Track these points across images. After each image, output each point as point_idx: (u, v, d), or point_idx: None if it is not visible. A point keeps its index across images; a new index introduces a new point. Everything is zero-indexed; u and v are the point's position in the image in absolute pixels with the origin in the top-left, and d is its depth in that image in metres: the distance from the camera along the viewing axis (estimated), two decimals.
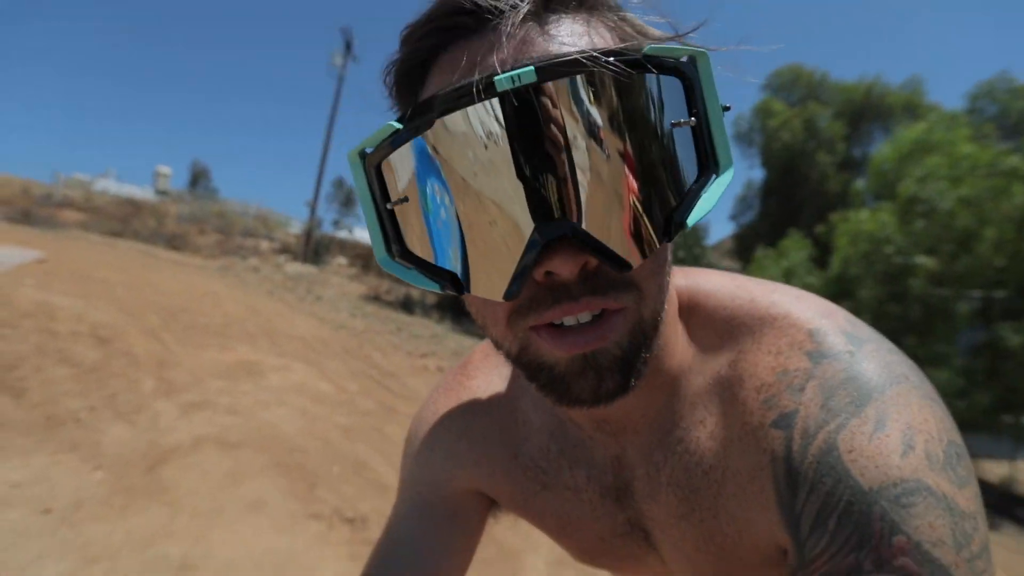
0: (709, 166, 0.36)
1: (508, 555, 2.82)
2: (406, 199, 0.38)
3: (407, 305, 11.89)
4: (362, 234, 19.57)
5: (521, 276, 0.35)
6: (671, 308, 0.46)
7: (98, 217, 14.96)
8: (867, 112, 23.84)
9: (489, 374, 0.59)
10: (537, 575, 2.67)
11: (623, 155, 0.34)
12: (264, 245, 17.12)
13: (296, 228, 21.44)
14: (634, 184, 0.34)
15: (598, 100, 0.33)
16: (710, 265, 14.59)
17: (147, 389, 3.87)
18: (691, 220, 0.35)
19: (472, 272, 0.37)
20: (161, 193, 26.60)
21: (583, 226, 0.34)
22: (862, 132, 23.89)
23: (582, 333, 0.37)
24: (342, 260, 16.90)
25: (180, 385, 4.08)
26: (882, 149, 10.69)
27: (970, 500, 0.36)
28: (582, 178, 0.33)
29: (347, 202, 19.95)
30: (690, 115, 0.35)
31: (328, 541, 2.65)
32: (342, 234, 19.37)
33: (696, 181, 0.36)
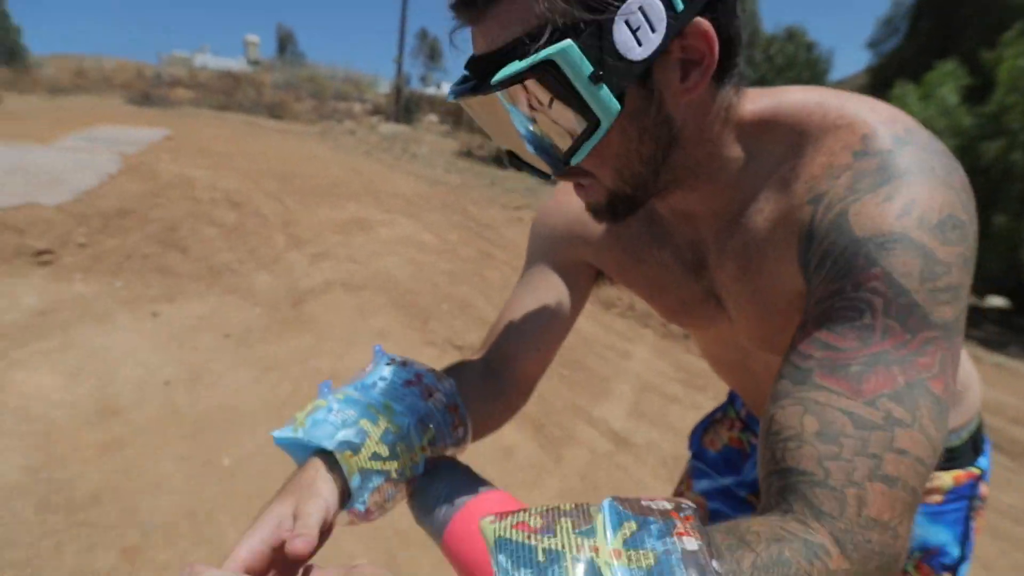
0: (590, 120, 0.46)
1: (599, 380, 3.15)
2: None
3: (499, 159, 11.88)
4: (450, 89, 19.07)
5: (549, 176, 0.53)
6: (720, 130, 0.54)
7: (205, 92, 15.86)
8: None
9: None
10: (624, 400, 2.99)
11: (537, 123, 0.47)
12: (357, 107, 17.38)
13: (384, 87, 21.34)
14: (536, 139, 0.49)
15: (514, 96, 0.46)
16: None
17: (279, 244, 4.44)
18: (573, 161, 0.48)
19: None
20: (253, 63, 27.20)
21: (523, 159, 0.53)
22: None
23: (583, 191, 0.55)
24: (433, 118, 16.83)
25: (304, 239, 4.62)
26: None
27: (949, 255, 0.43)
28: (514, 132, 0.49)
29: (432, 55, 19.19)
30: (567, 93, 0.45)
31: (442, 363, 3.12)
32: (430, 90, 19.02)
33: (582, 134, 0.47)
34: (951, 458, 0.76)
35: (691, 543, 0.34)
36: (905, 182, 0.45)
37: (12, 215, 3.80)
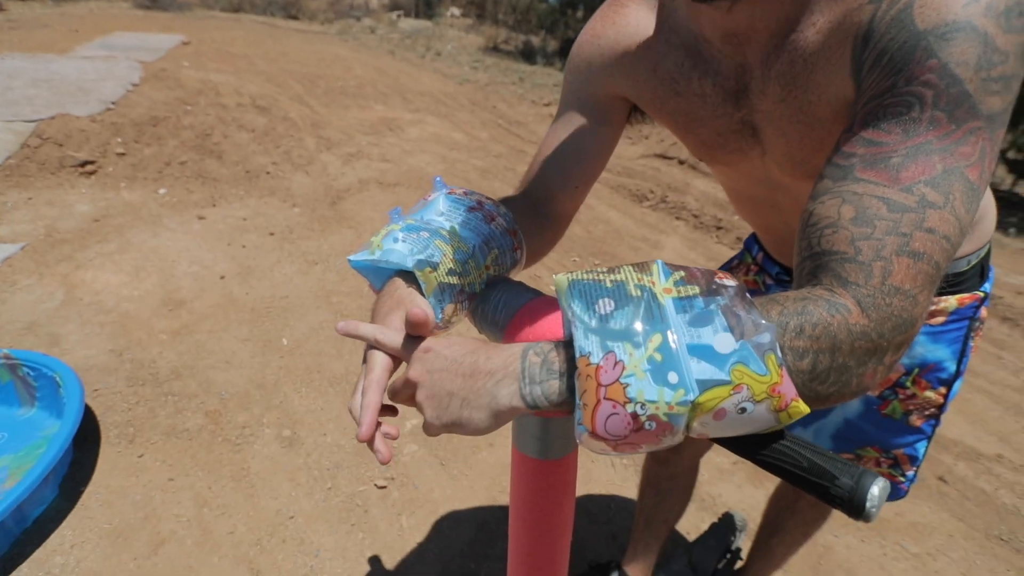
0: None
1: (654, 230, 3.15)
2: None
3: (527, 54, 11.15)
4: None
5: None
6: None
7: None
8: None
9: (639, 7, 0.68)
10: (674, 252, 3.01)
11: None
12: (374, 2, 16.36)
13: None
14: None
15: None
16: None
17: (311, 146, 4.42)
18: None
19: None
20: None
21: None
22: None
23: None
24: (455, 11, 15.74)
25: (336, 141, 4.58)
26: None
27: (1008, 43, 0.41)
28: None
29: None
30: None
31: None
32: None
33: None
34: (958, 282, 0.77)
35: (730, 281, 0.41)
36: None
37: (49, 127, 3.86)
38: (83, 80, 5.12)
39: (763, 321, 0.38)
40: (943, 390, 0.81)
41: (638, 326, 0.38)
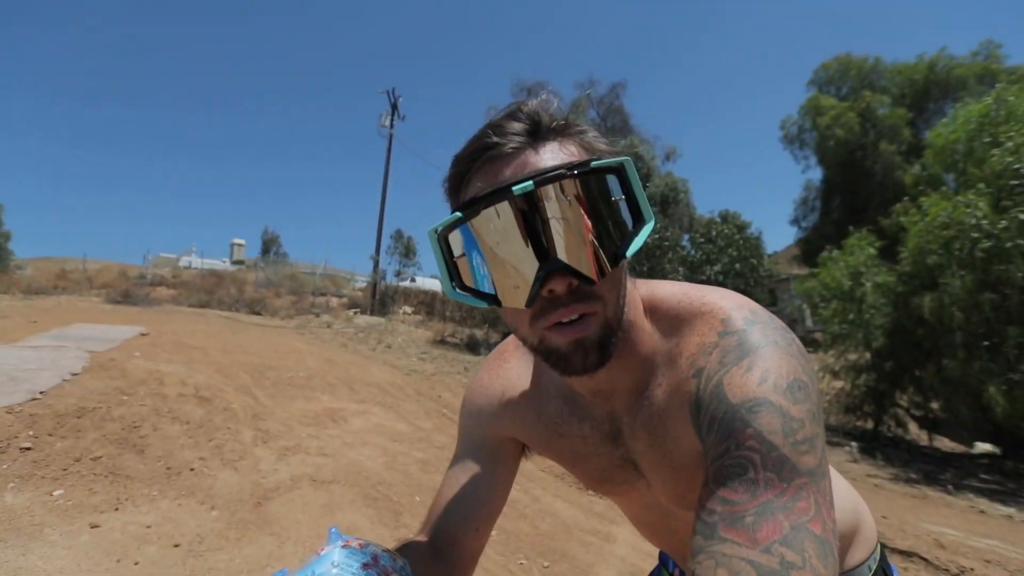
0: (639, 218, 0.58)
1: (582, 568, 2.85)
2: (463, 255, 0.61)
3: (472, 346, 12.17)
4: (423, 282, 20.29)
5: (535, 292, 0.57)
6: (635, 310, 0.66)
7: (187, 291, 16.41)
8: (932, 90, 21.99)
9: (520, 359, 0.82)
10: (627, 544, 2.70)
11: (585, 220, 0.56)
12: (334, 301, 18.11)
13: (362, 282, 22.57)
14: (593, 236, 0.57)
15: (569, 191, 0.56)
16: (770, 275, 13.95)
17: (247, 439, 4.23)
18: (627, 253, 0.58)
19: (504, 295, 0.59)
20: (237, 263, 28.77)
21: (565, 261, 0.56)
22: (929, 113, 22.09)
23: (573, 328, 0.58)
24: (407, 309, 17.57)
25: (274, 433, 4.42)
26: (941, 126, 9.91)
27: (800, 411, 0.52)
28: (563, 235, 0.56)
29: (407, 252, 20.80)
30: (623, 192, 0.58)
31: None
32: (405, 283, 20.17)
33: (632, 228, 0.58)
34: None
35: None
36: (759, 355, 0.56)
37: None
38: (19, 369, 5.01)
39: None
40: None
41: None
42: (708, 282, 11.97)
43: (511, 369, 0.80)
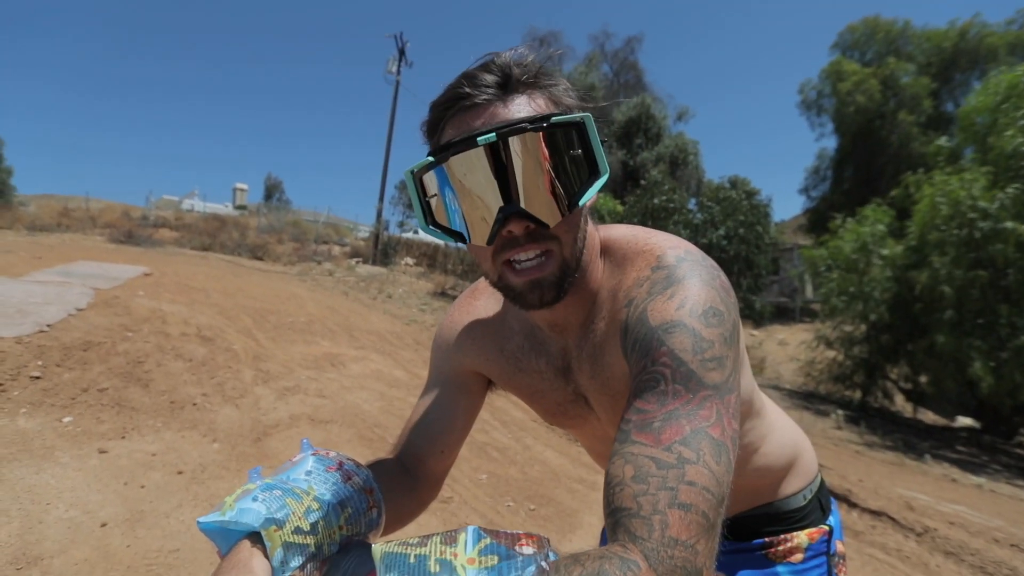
0: (595, 171, 0.63)
1: (567, 513, 3.00)
2: (435, 195, 0.67)
3: None
4: (426, 234, 20.21)
5: (495, 232, 0.62)
6: (592, 251, 0.72)
7: (189, 233, 16.41)
8: (960, 60, 21.07)
9: (488, 298, 0.88)
10: (593, 532, 2.84)
11: (544, 169, 0.61)
12: (336, 250, 18.14)
13: (364, 232, 22.53)
14: (550, 184, 0.62)
15: (531, 143, 0.60)
16: (775, 243, 13.85)
17: (248, 378, 4.36)
18: (581, 202, 0.62)
19: (471, 232, 0.65)
20: (240, 207, 28.64)
21: (523, 206, 0.61)
22: (955, 84, 21.28)
23: (530, 271, 0.64)
24: (409, 260, 17.61)
25: (275, 374, 4.55)
26: (972, 98, 9.58)
27: (712, 334, 0.58)
28: (522, 182, 0.61)
29: (411, 203, 20.61)
30: (580, 147, 0.63)
31: None
32: (408, 235, 20.12)
33: (587, 180, 0.63)
34: (801, 518, 0.89)
35: (528, 549, 0.47)
36: (682, 285, 0.62)
37: None
38: (26, 302, 5.11)
39: None
40: None
41: None
42: (710, 246, 11.94)
43: (479, 307, 0.87)
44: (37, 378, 3.61)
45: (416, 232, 20.52)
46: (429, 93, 0.69)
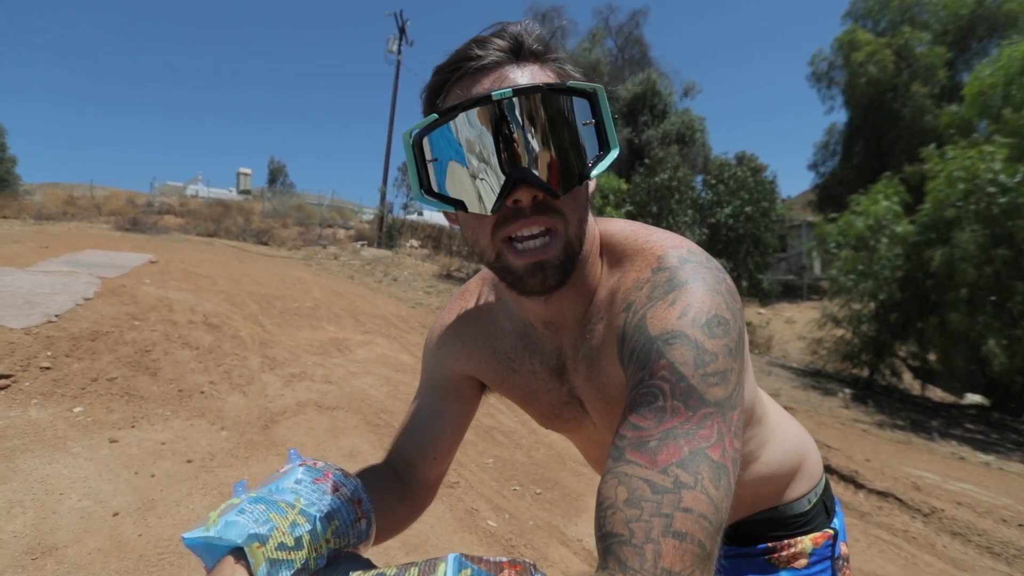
0: (605, 146, 0.60)
1: (573, 496, 3.02)
2: (434, 159, 0.62)
3: None
4: (430, 216, 20.18)
5: (500, 200, 0.58)
6: (592, 244, 0.68)
7: (194, 219, 16.43)
8: (978, 27, 20.35)
9: (480, 299, 0.84)
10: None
11: (557, 136, 0.58)
12: (341, 233, 18.13)
13: (368, 215, 22.47)
14: (562, 153, 0.58)
15: (544, 107, 0.57)
16: (782, 220, 13.66)
17: (254, 365, 4.39)
18: (592, 174, 0.60)
19: (469, 201, 0.60)
20: (244, 192, 28.59)
21: (535, 172, 0.57)
22: (971, 53, 20.59)
23: (534, 252, 0.60)
24: (414, 242, 17.59)
25: (281, 360, 4.58)
26: (982, 67, 9.28)
27: (715, 345, 0.54)
28: (535, 147, 0.57)
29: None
30: (593, 118, 0.60)
31: None
32: (412, 217, 20.05)
33: (597, 155, 0.60)
34: (806, 522, 0.86)
35: None
36: (684, 290, 0.58)
37: None
38: (34, 293, 5.15)
39: None
40: None
41: None
42: (717, 226, 11.80)
43: (469, 309, 0.84)
44: (47, 369, 3.65)
45: (420, 214, 20.44)
46: (431, 72, 0.65)
